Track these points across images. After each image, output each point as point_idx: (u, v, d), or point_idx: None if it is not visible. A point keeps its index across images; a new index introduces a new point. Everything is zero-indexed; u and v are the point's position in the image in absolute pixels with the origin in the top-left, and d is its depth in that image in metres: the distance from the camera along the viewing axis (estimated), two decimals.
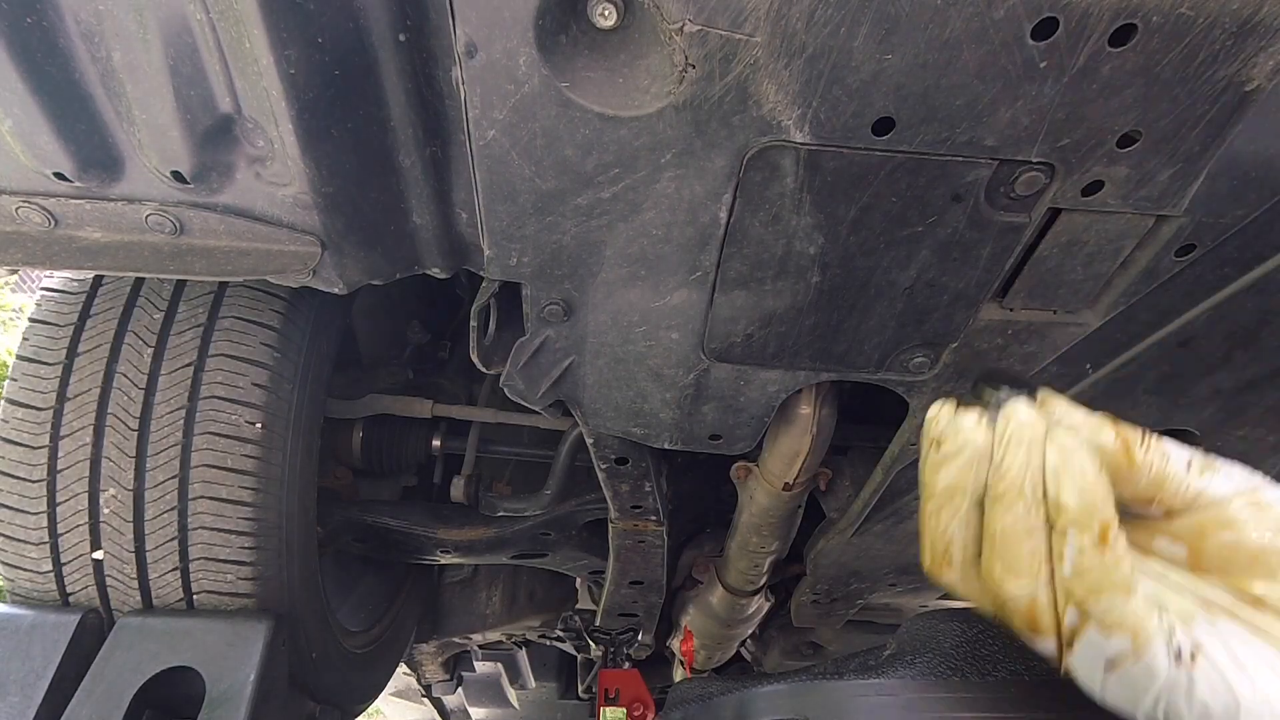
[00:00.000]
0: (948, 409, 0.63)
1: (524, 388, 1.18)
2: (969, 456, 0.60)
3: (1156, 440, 0.58)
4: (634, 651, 2.50)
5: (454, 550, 1.97)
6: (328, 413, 1.67)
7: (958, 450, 0.60)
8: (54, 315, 1.38)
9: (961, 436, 0.60)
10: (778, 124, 0.76)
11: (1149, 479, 0.58)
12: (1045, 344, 1.04)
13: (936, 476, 0.61)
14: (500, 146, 0.81)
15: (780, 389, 1.15)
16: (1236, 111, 0.72)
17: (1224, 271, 0.94)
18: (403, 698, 3.20)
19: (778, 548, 1.85)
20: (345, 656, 1.73)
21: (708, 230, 0.89)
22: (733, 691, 1.28)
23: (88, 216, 0.96)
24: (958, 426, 0.61)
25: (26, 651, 1.26)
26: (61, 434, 1.32)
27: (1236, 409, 1.21)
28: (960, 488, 0.60)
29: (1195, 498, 0.57)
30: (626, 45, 0.73)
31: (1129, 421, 0.60)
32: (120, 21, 0.77)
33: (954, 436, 0.61)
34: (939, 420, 0.63)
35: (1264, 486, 0.57)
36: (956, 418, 0.62)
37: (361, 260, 0.99)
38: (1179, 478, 0.57)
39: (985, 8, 0.65)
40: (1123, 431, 0.59)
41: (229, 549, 1.34)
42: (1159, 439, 0.59)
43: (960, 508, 0.60)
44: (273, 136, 0.84)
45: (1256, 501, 0.56)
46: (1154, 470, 0.57)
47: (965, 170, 0.79)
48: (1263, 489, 0.57)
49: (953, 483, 0.60)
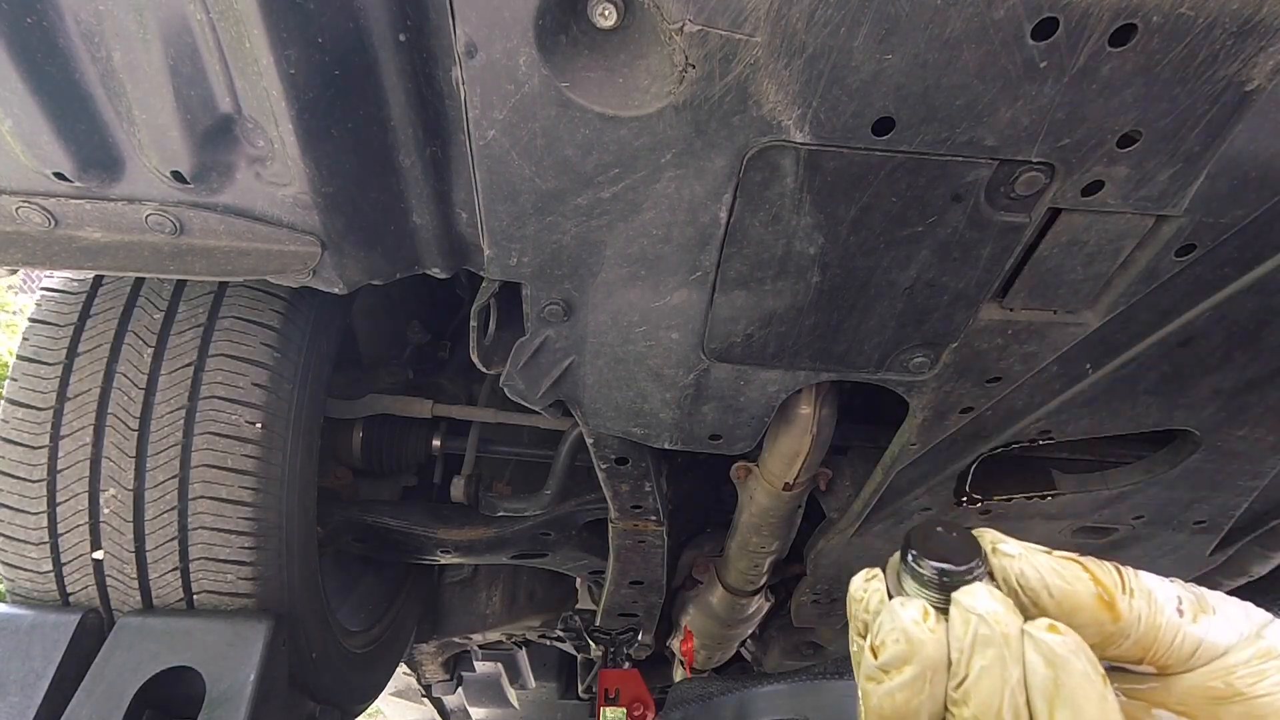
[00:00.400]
0: (875, 593, 0.50)
1: (524, 388, 1.18)
2: (918, 672, 0.45)
3: (1138, 578, 0.48)
4: (634, 651, 2.50)
5: (454, 550, 1.97)
6: (328, 413, 1.67)
7: (901, 661, 0.46)
8: (54, 315, 1.38)
9: (904, 644, 0.46)
10: (778, 124, 0.76)
11: (1137, 635, 0.47)
12: (1045, 344, 1.04)
13: (875, 698, 0.47)
14: (500, 146, 0.81)
15: (780, 389, 1.15)
16: (1236, 111, 0.72)
17: (1224, 271, 0.94)
18: (403, 698, 3.20)
19: (778, 548, 1.85)
20: (345, 656, 1.73)
21: (708, 230, 0.89)
22: (733, 691, 1.28)
23: (88, 216, 0.96)
24: (898, 628, 0.46)
25: (26, 651, 1.26)
26: (61, 434, 1.32)
27: (1236, 409, 1.21)
28: (910, 714, 0.46)
29: (1193, 653, 0.47)
30: (626, 45, 0.73)
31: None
32: (120, 21, 0.77)
33: (894, 644, 0.46)
34: (867, 608, 0.49)
35: (1270, 627, 0.47)
36: (894, 613, 0.47)
37: (361, 260, 0.99)
38: (1171, 627, 0.47)
39: (985, 8, 0.65)
40: (1099, 576, 0.47)
41: (229, 549, 1.34)
42: (1139, 575, 0.48)
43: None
44: (273, 136, 0.84)
45: (1265, 652, 0.46)
46: (1143, 622, 0.46)
47: (965, 170, 0.79)
48: (1270, 632, 0.47)
49: (899, 709, 0.46)
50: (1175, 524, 1.60)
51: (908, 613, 0.46)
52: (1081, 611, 0.46)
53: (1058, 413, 1.21)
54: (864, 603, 0.50)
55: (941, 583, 0.47)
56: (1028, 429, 1.26)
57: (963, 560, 0.47)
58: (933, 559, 0.47)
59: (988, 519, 1.61)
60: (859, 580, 0.51)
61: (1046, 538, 1.71)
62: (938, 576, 0.47)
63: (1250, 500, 1.49)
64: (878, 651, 0.47)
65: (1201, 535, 1.64)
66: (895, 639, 0.46)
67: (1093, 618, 0.46)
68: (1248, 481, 1.43)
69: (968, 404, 1.17)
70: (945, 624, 0.46)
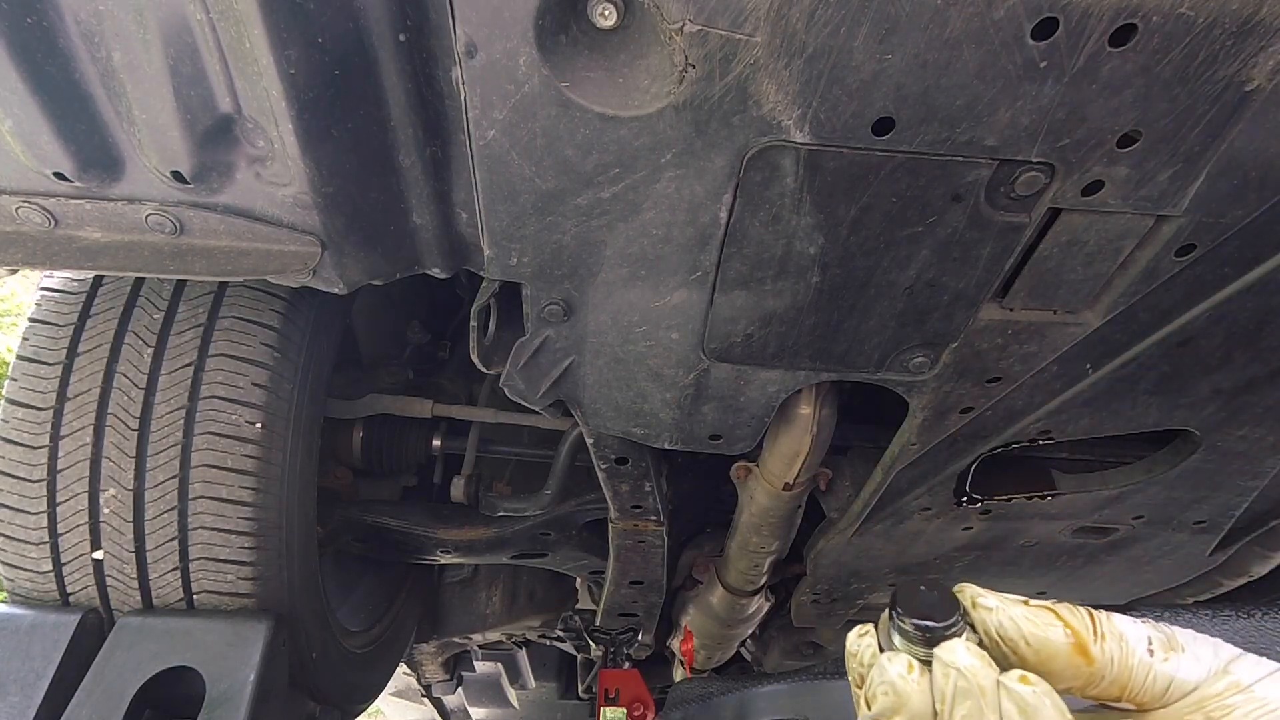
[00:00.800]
0: (868, 648, 0.54)
1: (524, 388, 1.18)
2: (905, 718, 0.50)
3: (1109, 622, 0.52)
4: (634, 651, 2.50)
5: (454, 550, 1.97)
6: (328, 413, 1.67)
7: (891, 711, 0.51)
8: (54, 315, 1.38)
9: (892, 696, 0.50)
10: (778, 124, 0.76)
11: (1112, 676, 0.51)
12: (1045, 344, 1.04)
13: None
14: (500, 146, 0.81)
15: (780, 389, 1.15)
16: (1236, 111, 0.72)
17: (1224, 271, 0.94)
18: (403, 698, 3.20)
19: (778, 548, 1.85)
20: (345, 656, 1.73)
21: (708, 230, 0.89)
22: (733, 691, 1.28)
23: (88, 216, 0.96)
24: (886, 681, 0.51)
25: (26, 651, 1.26)
26: (61, 434, 1.32)
27: (1236, 409, 1.21)
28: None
29: (1166, 689, 0.51)
30: (626, 45, 0.73)
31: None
32: (120, 21, 0.77)
33: (883, 695, 0.51)
34: (861, 662, 0.54)
35: (1237, 662, 0.51)
36: (883, 666, 0.52)
37: (361, 260, 0.99)
38: (1143, 667, 0.51)
39: (985, 8, 0.65)
40: (1071, 623, 0.51)
41: (229, 549, 1.34)
42: (1110, 619, 0.52)
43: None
44: (273, 136, 0.84)
45: (1234, 685, 0.50)
46: (1116, 664, 0.51)
47: (965, 170, 0.79)
48: (1237, 667, 0.51)
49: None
50: (1175, 524, 1.60)
51: (894, 667, 0.51)
52: (1057, 658, 0.51)
53: (1058, 413, 1.21)
54: (858, 656, 0.55)
55: (925, 638, 0.52)
56: (1028, 429, 1.26)
57: (943, 616, 0.52)
58: (915, 616, 0.52)
59: (988, 519, 1.61)
60: (854, 636, 0.56)
61: (1046, 537, 1.71)
62: (921, 633, 0.52)
63: (1250, 500, 1.49)
64: (870, 703, 0.52)
65: (1201, 535, 1.64)
66: (884, 691, 0.51)
67: (1068, 662, 0.51)
68: (1248, 481, 1.43)
69: (968, 404, 1.17)
70: (929, 676, 0.50)
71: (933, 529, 1.65)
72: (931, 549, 1.75)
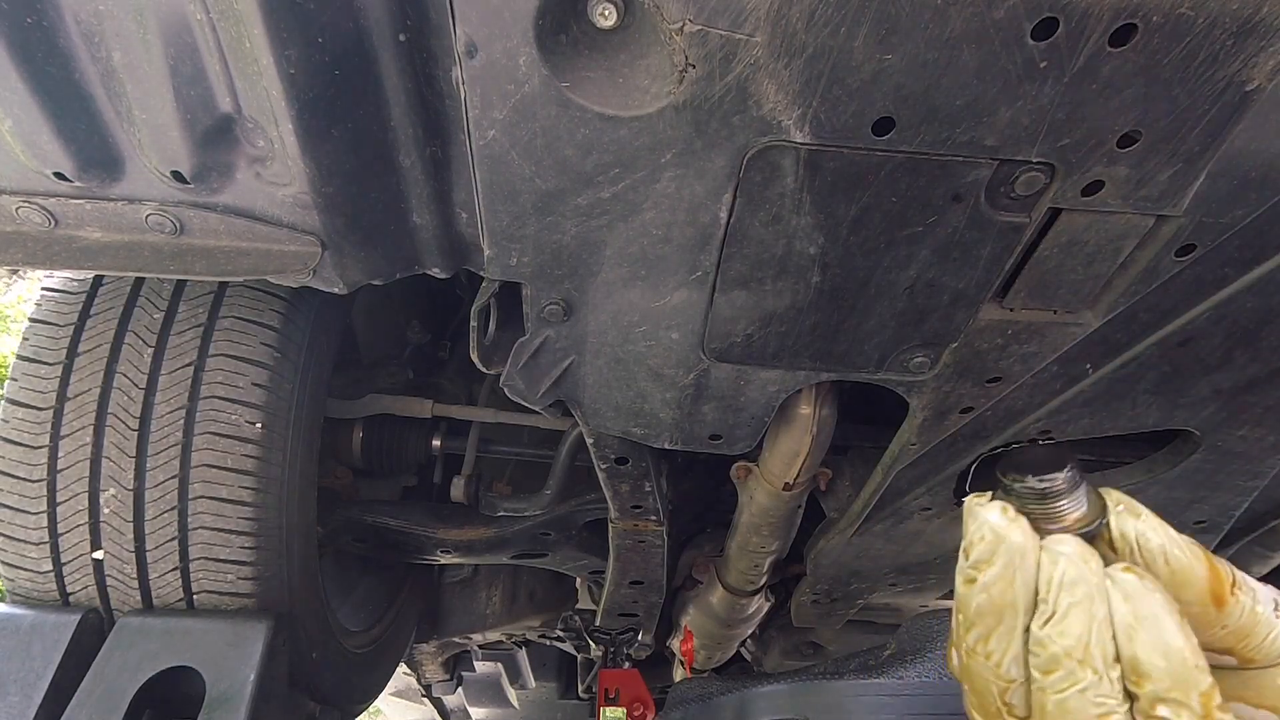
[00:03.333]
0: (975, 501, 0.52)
1: (524, 388, 1.18)
2: (1006, 561, 0.48)
3: (1244, 577, 0.50)
4: (634, 651, 2.50)
5: (454, 550, 1.97)
6: (328, 413, 1.67)
7: (989, 553, 0.48)
8: (54, 315, 1.38)
9: (990, 537, 0.48)
10: (778, 124, 0.76)
11: (1236, 625, 0.49)
12: (1045, 344, 1.04)
13: (973, 600, 0.49)
14: (500, 146, 0.81)
15: (780, 389, 1.15)
16: (1236, 111, 0.72)
17: (1224, 271, 0.94)
18: (403, 698, 3.20)
19: (778, 548, 1.85)
20: (345, 656, 1.73)
21: (708, 230, 0.89)
22: (733, 691, 1.28)
23: (88, 216, 0.96)
24: (983, 524, 0.49)
25: (26, 651, 1.26)
26: (61, 434, 1.32)
27: (1236, 409, 1.21)
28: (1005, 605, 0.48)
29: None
30: (626, 45, 0.73)
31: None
32: (120, 21, 0.77)
33: (979, 540, 0.49)
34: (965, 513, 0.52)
35: None
36: (975, 513, 0.50)
37: (361, 260, 0.99)
38: (1268, 624, 0.49)
39: (985, 8, 0.65)
40: (1216, 565, 0.49)
41: (229, 549, 1.34)
42: (1245, 577, 0.50)
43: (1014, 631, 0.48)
44: (273, 136, 0.84)
45: None
46: (1244, 614, 0.49)
47: (965, 170, 0.79)
48: None
49: (995, 602, 0.48)
50: (1175, 524, 1.59)
51: (989, 511, 0.50)
52: (1191, 588, 0.49)
53: (1058, 413, 1.21)
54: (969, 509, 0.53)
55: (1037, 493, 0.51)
56: (1028, 429, 1.26)
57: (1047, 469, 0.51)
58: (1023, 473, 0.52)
59: None
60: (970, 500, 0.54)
61: None
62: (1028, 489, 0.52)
63: (1250, 500, 1.49)
64: (969, 552, 0.50)
65: (1201, 535, 1.64)
66: (981, 536, 0.49)
67: (1198, 596, 0.49)
68: (1248, 481, 1.43)
69: (968, 404, 1.17)
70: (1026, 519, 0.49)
71: (933, 529, 1.65)
72: (932, 549, 1.75)
